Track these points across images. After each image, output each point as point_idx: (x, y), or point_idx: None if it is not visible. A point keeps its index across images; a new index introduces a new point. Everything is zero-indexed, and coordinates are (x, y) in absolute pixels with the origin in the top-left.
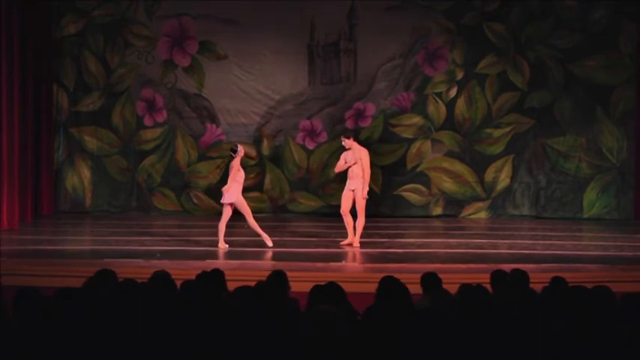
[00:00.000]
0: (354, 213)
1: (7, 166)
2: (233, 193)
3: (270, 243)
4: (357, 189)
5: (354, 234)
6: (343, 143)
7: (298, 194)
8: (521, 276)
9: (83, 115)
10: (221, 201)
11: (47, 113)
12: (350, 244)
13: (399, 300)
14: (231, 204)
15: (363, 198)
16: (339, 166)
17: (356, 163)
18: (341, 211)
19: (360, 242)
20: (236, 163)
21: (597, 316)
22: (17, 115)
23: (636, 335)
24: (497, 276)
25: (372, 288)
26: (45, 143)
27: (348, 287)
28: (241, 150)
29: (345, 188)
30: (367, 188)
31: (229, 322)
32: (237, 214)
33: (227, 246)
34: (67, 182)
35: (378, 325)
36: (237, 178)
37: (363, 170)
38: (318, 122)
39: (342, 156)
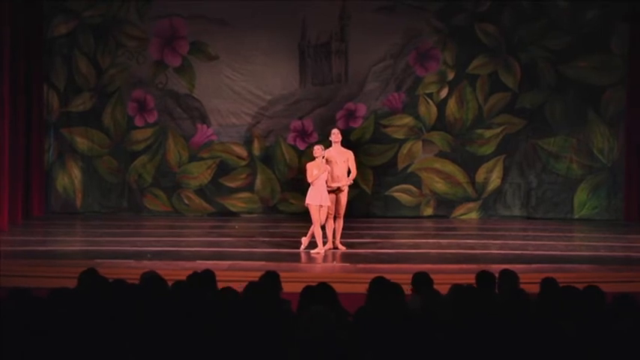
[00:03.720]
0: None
1: None
2: (309, 195)
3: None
4: (341, 191)
5: (334, 238)
6: (336, 136)
7: (289, 195)
8: (510, 276)
9: (74, 115)
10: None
11: (38, 114)
12: (329, 249)
13: (391, 300)
14: (320, 205)
15: (342, 185)
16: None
17: (327, 170)
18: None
19: (342, 242)
20: (309, 166)
21: (588, 315)
22: (7, 115)
23: (627, 335)
24: (482, 277)
25: (363, 289)
26: (35, 144)
27: (339, 288)
28: (314, 151)
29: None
30: (348, 183)
31: (220, 323)
32: (229, 214)
33: (323, 251)
34: (58, 183)
35: (369, 325)
36: (312, 182)
37: (352, 169)
38: (309, 123)
39: (325, 153)
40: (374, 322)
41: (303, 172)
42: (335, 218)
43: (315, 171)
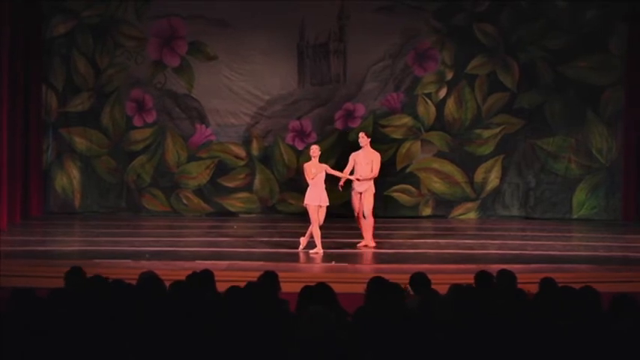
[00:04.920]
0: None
1: None
2: (307, 195)
3: (300, 246)
4: (365, 191)
5: (370, 235)
6: (363, 140)
7: (288, 195)
8: (508, 277)
9: (72, 115)
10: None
11: (36, 114)
12: (366, 246)
13: (390, 300)
14: (318, 205)
15: (345, 179)
16: (347, 171)
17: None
18: (355, 215)
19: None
20: (306, 166)
21: (587, 315)
22: (6, 115)
23: (627, 335)
24: (481, 277)
25: (361, 289)
26: (34, 144)
27: (337, 288)
28: (311, 151)
29: (353, 191)
30: (356, 178)
31: (219, 323)
32: (228, 214)
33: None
34: (56, 183)
35: (368, 325)
36: (310, 181)
37: (373, 167)
38: (308, 123)
39: (352, 156)
40: (373, 322)
41: (300, 172)
42: (362, 217)
43: (313, 170)
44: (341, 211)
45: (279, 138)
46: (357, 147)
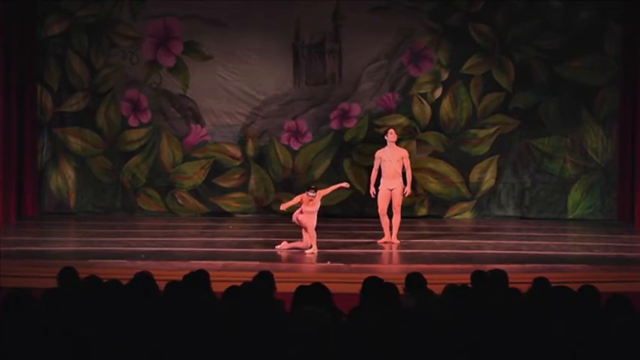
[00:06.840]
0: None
1: None
2: (299, 217)
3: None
4: (395, 188)
5: (391, 233)
6: (392, 136)
7: (283, 195)
8: (500, 276)
9: (67, 115)
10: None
11: (31, 114)
12: (386, 242)
13: (385, 300)
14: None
15: (407, 195)
16: (375, 172)
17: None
18: (379, 211)
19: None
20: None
21: (581, 315)
22: (1, 115)
23: (621, 335)
24: (476, 276)
25: (357, 289)
26: (29, 144)
27: (333, 288)
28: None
29: (382, 188)
30: (408, 191)
31: (214, 323)
32: (223, 214)
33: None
34: (51, 183)
35: (363, 325)
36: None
37: (407, 169)
38: (303, 123)
39: (377, 154)
40: (368, 322)
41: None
42: (391, 214)
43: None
44: (337, 211)
45: (275, 138)
46: (352, 147)
